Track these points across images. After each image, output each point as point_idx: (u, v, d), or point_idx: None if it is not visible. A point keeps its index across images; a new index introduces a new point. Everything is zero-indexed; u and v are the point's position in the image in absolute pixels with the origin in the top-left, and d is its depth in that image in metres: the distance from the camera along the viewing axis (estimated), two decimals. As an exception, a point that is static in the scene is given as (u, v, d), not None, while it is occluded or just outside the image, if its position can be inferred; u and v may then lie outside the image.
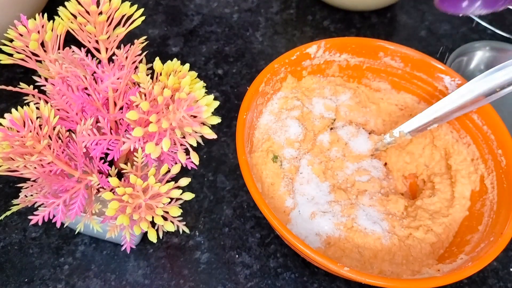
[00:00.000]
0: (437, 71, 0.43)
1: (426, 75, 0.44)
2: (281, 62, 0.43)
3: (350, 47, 0.45)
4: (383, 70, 0.46)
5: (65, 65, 0.33)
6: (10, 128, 0.29)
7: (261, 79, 0.42)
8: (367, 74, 0.47)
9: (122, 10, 0.31)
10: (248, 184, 0.35)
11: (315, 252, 0.32)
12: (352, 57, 0.46)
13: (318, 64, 0.46)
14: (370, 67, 0.46)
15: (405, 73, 0.45)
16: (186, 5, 0.63)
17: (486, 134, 0.41)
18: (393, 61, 0.45)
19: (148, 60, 0.35)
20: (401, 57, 0.44)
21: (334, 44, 0.44)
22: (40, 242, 0.42)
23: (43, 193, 0.32)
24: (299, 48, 0.44)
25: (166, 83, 0.31)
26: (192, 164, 0.32)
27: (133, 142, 0.31)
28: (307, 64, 0.45)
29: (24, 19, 0.32)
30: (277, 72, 0.43)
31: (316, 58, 0.45)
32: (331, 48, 0.45)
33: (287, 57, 0.43)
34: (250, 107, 0.41)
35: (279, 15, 0.63)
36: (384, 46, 0.44)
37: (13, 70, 0.53)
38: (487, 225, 0.38)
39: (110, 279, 0.40)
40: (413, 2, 0.65)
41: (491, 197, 0.39)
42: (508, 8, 0.65)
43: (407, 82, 0.46)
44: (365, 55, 0.45)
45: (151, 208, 0.31)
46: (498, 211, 0.38)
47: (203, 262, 0.42)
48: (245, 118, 0.39)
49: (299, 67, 0.45)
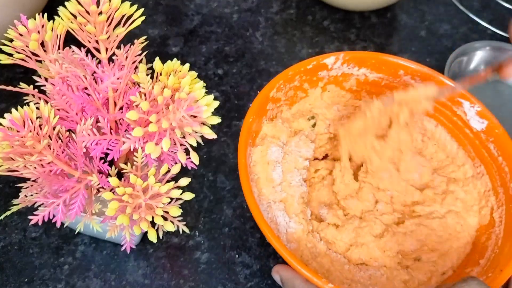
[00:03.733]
0: (457, 95, 0.41)
1: (446, 99, 0.42)
2: (295, 70, 0.42)
3: (369, 62, 0.43)
4: (402, 89, 0.43)
5: (65, 65, 0.33)
6: (10, 128, 0.29)
7: (273, 85, 0.41)
8: (385, 91, 0.45)
9: (122, 10, 0.31)
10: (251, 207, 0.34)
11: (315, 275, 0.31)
12: (371, 72, 0.44)
13: (335, 75, 0.44)
14: (389, 84, 0.44)
15: None
16: (186, 5, 0.63)
17: (500, 166, 0.39)
18: (413, 80, 0.43)
19: (148, 60, 0.35)
20: (421, 77, 0.42)
21: (353, 57, 0.43)
22: (40, 242, 0.42)
23: (43, 193, 0.32)
24: (316, 58, 0.42)
25: (166, 83, 0.31)
26: (192, 164, 0.32)
27: (133, 142, 0.31)
28: (323, 75, 0.44)
29: (24, 19, 0.32)
30: (291, 80, 0.42)
31: (334, 70, 0.44)
32: (349, 61, 0.43)
33: (303, 65, 0.42)
34: (258, 112, 0.39)
35: (279, 15, 0.63)
36: (405, 64, 0.42)
37: (13, 70, 0.53)
38: (489, 259, 0.36)
39: (110, 279, 0.40)
40: (413, 2, 0.65)
41: (497, 231, 0.38)
42: (508, 8, 0.65)
43: None
44: (385, 71, 0.44)
45: (151, 208, 0.31)
46: (502, 246, 0.36)
47: (203, 262, 0.42)
48: (251, 121, 0.38)
49: (315, 77, 0.44)
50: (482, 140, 0.41)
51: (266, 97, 0.41)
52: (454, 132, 0.43)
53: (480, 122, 0.40)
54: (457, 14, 0.64)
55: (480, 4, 0.66)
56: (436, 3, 0.65)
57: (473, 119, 0.41)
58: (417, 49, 0.60)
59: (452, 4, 0.65)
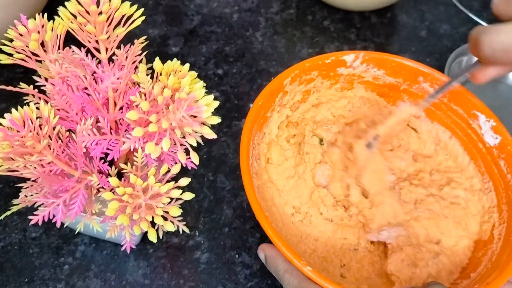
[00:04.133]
0: (474, 108, 0.41)
1: (462, 110, 0.42)
2: (313, 62, 0.41)
3: (389, 65, 0.43)
4: (420, 96, 0.44)
5: (65, 65, 0.33)
6: (10, 128, 0.29)
7: (287, 74, 0.40)
8: (403, 96, 0.45)
9: (122, 10, 0.31)
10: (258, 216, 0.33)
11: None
12: (389, 75, 0.44)
13: (353, 74, 0.44)
14: (408, 90, 0.44)
15: (441, 103, 0.43)
16: (186, 5, 0.63)
17: (508, 183, 0.39)
18: (431, 88, 0.42)
19: (148, 60, 0.35)
20: (440, 86, 0.41)
21: (372, 58, 0.42)
22: (40, 242, 0.42)
23: (43, 193, 0.32)
24: (335, 54, 0.42)
25: (166, 83, 0.31)
26: (192, 164, 0.32)
27: (133, 142, 0.31)
28: (341, 71, 0.43)
29: (24, 19, 0.32)
30: (307, 72, 0.42)
31: (352, 68, 0.43)
32: (369, 61, 0.43)
33: (321, 59, 0.41)
34: (268, 98, 0.39)
35: (279, 15, 0.63)
36: (425, 71, 0.42)
37: (13, 70, 0.53)
38: (479, 273, 0.36)
39: (110, 279, 0.40)
40: (413, 2, 0.65)
41: (494, 248, 0.38)
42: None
43: (442, 114, 0.43)
44: (404, 76, 0.43)
45: (151, 208, 0.31)
46: (496, 262, 0.36)
47: (203, 262, 0.42)
48: (261, 105, 0.38)
49: (332, 72, 0.43)
50: (493, 155, 0.40)
51: (280, 84, 0.40)
52: (467, 145, 0.42)
53: (494, 137, 0.40)
54: (457, 14, 0.64)
55: (480, 4, 0.66)
56: (436, 3, 0.66)
57: (487, 134, 0.40)
58: (417, 49, 0.60)
59: (452, 4, 0.65)
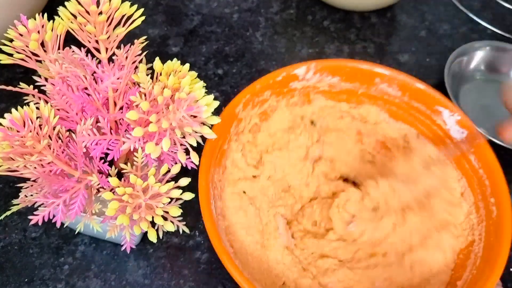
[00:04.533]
0: (436, 103, 0.40)
1: (424, 107, 0.41)
2: (264, 83, 0.40)
3: (344, 70, 0.42)
4: (380, 97, 0.43)
5: (65, 65, 0.33)
6: (10, 128, 0.29)
7: (238, 101, 0.39)
8: (363, 99, 0.43)
9: (122, 10, 0.31)
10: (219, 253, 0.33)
11: None
12: (345, 81, 0.42)
13: (307, 86, 0.42)
14: (366, 93, 0.43)
15: (402, 102, 0.42)
16: (186, 5, 0.63)
17: (481, 179, 0.37)
18: (390, 88, 0.42)
19: (148, 60, 0.35)
20: (398, 84, 0.41)
21: (326, 66, 0.41)
22: (40, 242, 0.42)
23: (43, 193, 0.32)
24: (285, 69, 0.40)
25: (166, 83, 0.31)
26: (192, 164, 0.32)
27: (133, 142, 0.31)
28: (295, 86, 0.42)
29: (24, 19, 0.32)
30: (259, 93, 0.40)
31: (305, 80, 0.42)
32: (322, 70, 0.41)
33: (271, 77, 0.40)
34: (222, 130, 0.38)
35: (279, 15, 0.63)
36: (380, 72, 0.41)
37: (13, 70, 0.53)
38: (466, 281, 0.35)
39: (110, 279, 0.40)
40: (413, 2, 0.65)
41: (477, 250, 0.36)
42: (508, 8, 0.65)
43: (405, 113, 0.42)
44: (360, 79, 0.42)
45: (151, 208, 0.31)
46: (481, 267, 0.34)
47: (203, 262, 0.42)
48: (214, 141, 0.37)
49: (285, 89, 0.42)
50: (463, 151, 0.39)
51: (232, 113, 0.39)
52: (436, 142, 0.41)
53: (460, 132, 0.39)
54: (457, 14, 0.64)
55: (480, 4, 0.66)
56: (436, 3, 0.65)
57: (453, 129, 0.39)
58: (417, 49, 0.60)
59: (452, 4, 0.65)
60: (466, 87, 0.56)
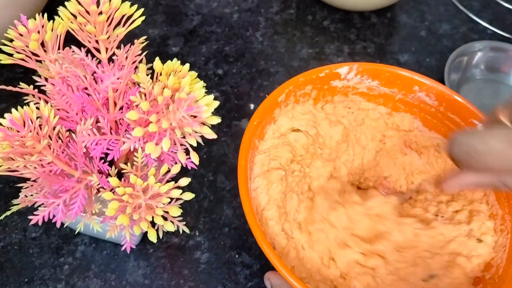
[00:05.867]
0: (472, 117, 0.40)
1: (459, 118, 0.41)
2: (307, 76, 0.41)
3: (384, 75, 0.42)
4: (416, 105, 0.43)
5: (65, 65, 0.33)
6: (10, 128, 0.29)
7: (281, 91, 0.40)
8: (399, 105, 0.44)
9: (122, 10, 0.31)
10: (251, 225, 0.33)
11: None
12: (384, 85, 0.43)
13: (347, 86, 0.43)
14: (403, 99, 0.44)
15: (438, 112, 0.42)
16: (186, 5, 0.63)
17: (509, 192, 0.37)
18: (427, 97, 0.42)
19: (148, 60, 0.35)
20: (436, 95, 0.41)
21: (366, 69, 0.42)
22: (40, 242, 0.42)
23: (43, 193, 0.32)
24: (329, 67, 0.42)
25: (166, 83, 0.31)
26: (192, 164, 0.32)
27: (133, 142, 0.31)
28: (335, 84, 0.43)
29: (24, 19, 0.32)
30: (301, 87, 0.41)
31: (346, 80, 0.43)
32: (363, 73, 0.42)
33: (315, 73, 0.41)
34: (264, 116, 0.39)
35: (279, 15, 0.63)
36: (420, 80, 0.41)
37: (13, 70, 0.53)
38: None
39: (110, 279, 0.40)
40: (413, 2, 0.65)
41: (499, 262, 0.36)
42: (508, 8, 0.65)
43: (439, 122, 0.43)
44: (399, 86, 0.43)
45: (151, 208, 0.31)
46: (502, 276, 0.34)
47: (203, 262, 0.42)
48: (256, 125, 0.38)
49: (326, 86, 0.43)
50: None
51: (275, 101, 0.40)
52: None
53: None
54: (457, 14, 0.64)
55: (480, 4, 0.66)
56: (436, 3, 0.66)
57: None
58: (417, 49, 0.60)
59: (452, 4, 0.65)
60: (466, 87, 0.56)
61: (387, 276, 0.37)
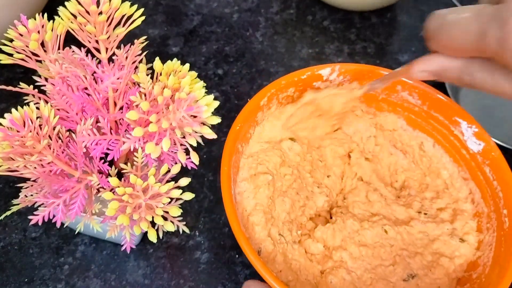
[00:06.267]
0: (455, 114, 0.40)
1: (443, 117, 0.41)
2: (289, 79, 0.41)
3: (366, 75, 0.42)
4: (400, 105, 0.43)
5: (65, 65, 0.33)
6: (10, 128, 0.29)
7: (263, 94, 0.40)
8: (383, 105, 0.44)
9: (122, 10, 0.31)
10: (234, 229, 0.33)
11: None
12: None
13: (330, 87, 0.43)
14: (386, 99, 0.43)
15: (421, 110, 0.42)
16: (186, 5, 0.63)
17: (495, 190, 0.38)
18: (410, 96, 0.42)
19: (148, 60, 0.35)
20: (419, 93, 0.42)
21: (348, 70, 0.42)
22: (40, 242, 0.42)
23: (43, 193, 0.32)
24: (311, 68, 0.41)
25: (166, 83, 0.31)
26: (192, 164, 0.32)
27: (133, 142, 0.31)
28: (318, 85, 0.43)
29: (24, 19, 0.32)
30: (283, 90, 0.41)
31: (328, 81, 0.43)
32: (345, 73, 0.42)
33: (297, 75, 0.41)
34: (246, 120, 0.39)
35: (279, 15, 0.63)
36: (402, 80, 0.41)
37: (13, 70, 0.53)
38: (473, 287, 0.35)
39: (110, 279, 0.40)
40: (413, 2, 0.65)
41: (486, 260, 0.36)
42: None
43: (423, 121, 0.43)
44: None
45: (151, 208, 0.31)
46: (489, 275, 0.35)
47: (203, 262, 0.42)
48: (238, 129, 0.38)
49: (308, 88, 0.42)
50: (478, 162, 0.39)
51: (257, 105, 0.40)
52: (451, 153, 0.42)
53: (477, 143, 0.39)
54: (457, 14, 0.64)
55: (480, 4, 0.66)
56: (436, 3, 0.66)
57: (470, 140, 0.40)
58: (417, 49, 0.60)
59: (452, 4, 0.65)
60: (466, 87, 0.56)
61: (363, 273, 0.37)
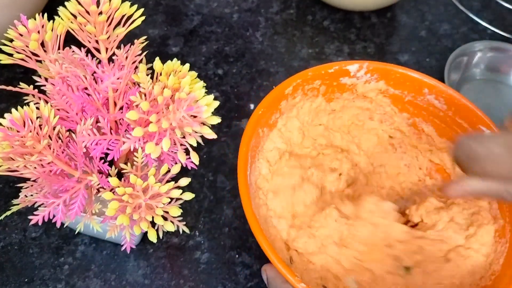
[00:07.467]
0: (479, 122, 0.39)
1: (467, 124, 0.41)
2: (316, 71, 0.41)
3: (394, 76, 0.42)
4: (425, 108, 0.43)
5: (65, 65, 0.33)
6: (10, 128, 0.29)
7: (289, 83, 0.40)
8: (408, 108, 0.44)
9: (122, 10, 0.31)
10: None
11: None
12: (393, 86, 0.43)
13: (356, 83, 0.43)
14: (412, 101, 0.43)
15: (446, 116, 0.42)
16: (186, 5, 0.63)
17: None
18: (436, 100, 0.42)
19: (148, 60, 0.35)
20: (445, 98, 0.41)
21: (376, 68, 0.42)
22: (40, 242, 0.42)
23: (43, 193, 0.32)
24: (339, 63, 0.41)
25: (166, 83, 0.31)
26: (192, 164, 0.32)
27: (133, 142, 0.31)
28: (344, 81, 0.43)
29: (24, 19, 0.32)
30: (309, 81, 0.41)
31: (355, 78, 0.42)
32: (373, 72, 0.42)
33: (324, 68, 0.41)
34: (270, 107, 0.39)
35: (279, 15, 0.63)
36: (430, 83, 0.41)
37: (13, 70, 0.53)
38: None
39: (110, 279, 0.40)
40: (413, 2, 0.65)
41: (496, 268, 0.36)
42: (508, 8, 0.65)
43: (447, 127, 0.42)
44: (408, 87, 0.42)
45: (151, 208, 0.31)
46: (498, 279, 0.34)
47: (203, 262, 0.42)
48: (261, 114, 0.38)
49: (335, 82, 0.43)
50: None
51: (281, 93, 0.40)
52: None
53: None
54: (457, 14, 0.64)
55: (480, 4, 0.66)
56: (436, 3, 0.66)
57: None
58: (417, 49, 0.60)
59: (452, 4, 0.65)
60: (466, 87, 0.56)
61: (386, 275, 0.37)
